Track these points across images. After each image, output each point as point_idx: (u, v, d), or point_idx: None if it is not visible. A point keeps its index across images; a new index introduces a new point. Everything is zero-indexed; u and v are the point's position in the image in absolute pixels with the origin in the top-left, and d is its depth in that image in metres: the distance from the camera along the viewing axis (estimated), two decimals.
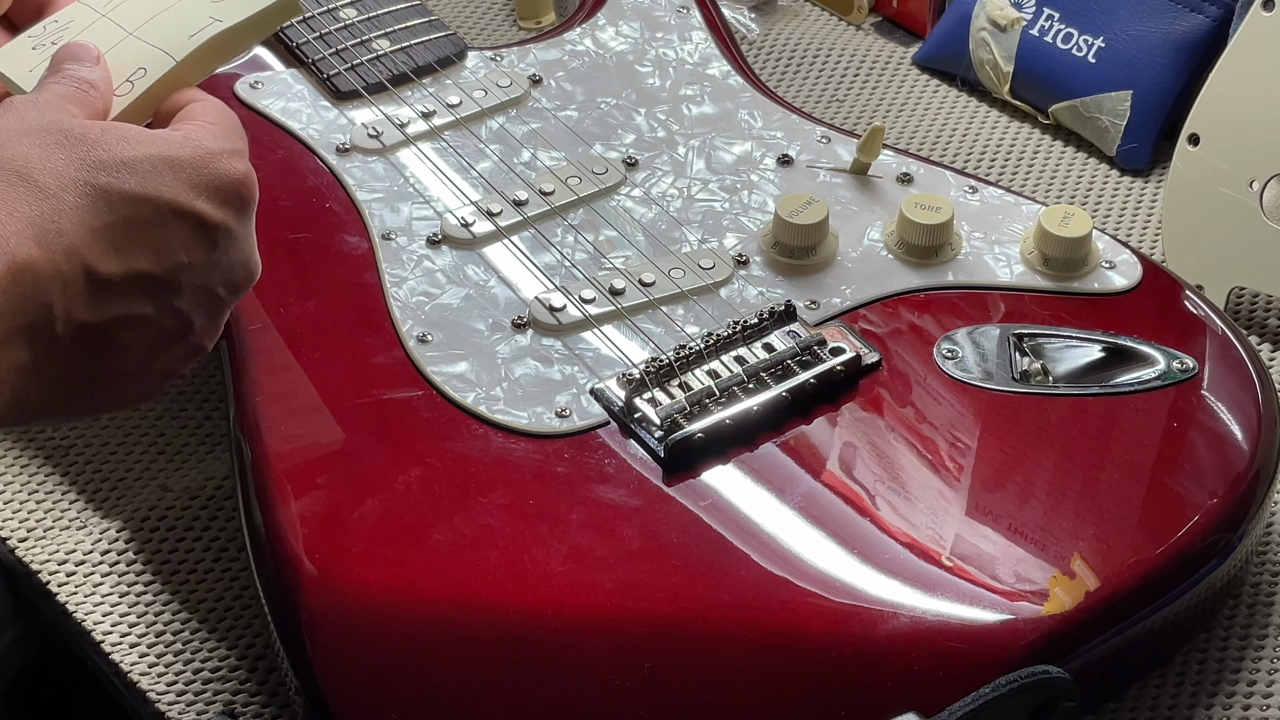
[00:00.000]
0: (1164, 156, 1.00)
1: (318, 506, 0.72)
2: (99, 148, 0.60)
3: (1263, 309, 0.93)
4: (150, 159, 0.61)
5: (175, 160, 0.61)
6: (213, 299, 0.64)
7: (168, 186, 0.61)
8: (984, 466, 0.74)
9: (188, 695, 0.76)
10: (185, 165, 0.62)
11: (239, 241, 0.64)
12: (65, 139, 0.60)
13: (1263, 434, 0.75)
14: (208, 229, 0.62)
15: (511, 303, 0.81)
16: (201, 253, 0.62)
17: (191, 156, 0.62)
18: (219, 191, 0.62)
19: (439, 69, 0.93)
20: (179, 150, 0.62)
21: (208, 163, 0.62)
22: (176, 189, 0.61)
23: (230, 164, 0.63)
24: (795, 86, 1.08)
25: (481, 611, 0.68)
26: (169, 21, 0.68)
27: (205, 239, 0.62)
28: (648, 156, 0.89)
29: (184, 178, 0.61)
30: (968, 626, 0.68)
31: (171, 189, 0.61)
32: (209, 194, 0.62)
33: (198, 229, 0.62)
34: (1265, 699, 0.75)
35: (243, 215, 0.64)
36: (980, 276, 0.83)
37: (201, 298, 0.63)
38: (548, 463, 0.74)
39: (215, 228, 0.62)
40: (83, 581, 0.80)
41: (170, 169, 0.61)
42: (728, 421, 0.75)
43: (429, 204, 0.86)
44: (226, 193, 0.63)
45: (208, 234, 0.62)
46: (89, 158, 0.60)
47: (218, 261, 0.63)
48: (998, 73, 1.05)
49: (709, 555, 0.70)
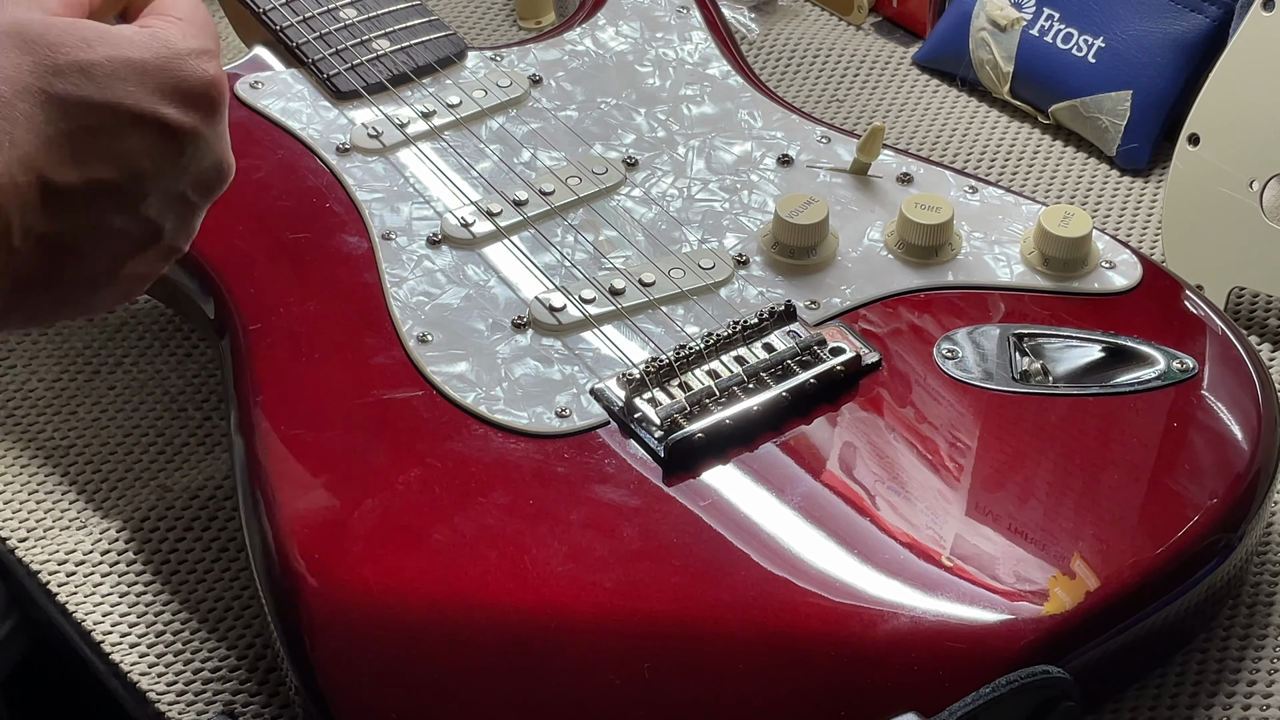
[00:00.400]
0: (1164, 156, 1.00)
1: (318, 507, 0.72)
2: (58, 51, 0.57)
3: (1263, 309, 0.93)
4: (111, 61, 0.58)
5: (138, 64, 0.59)
6: (184, 203, 0.62)
7: (129, 92, 0.58)
8: (984, 466, 0.74)
9: (188, 695, 0.76)
10: (149, 69, 0.59)
11: (209, 144, 0.61)
12: (22, 41, 0.57)
13: (1263, 434, 0.75)
14: (173, 135, 0.60)
15: (511, 303, 0.81)
16: (168, 160, 0.60)
17: (156, 59, 0.59)
18: (186, 95, 0.60)
19: (439, 69, 0.93)
20: (142, 53, 0.59)
21: (174, 65, 0.59)
22: (138, 95, 0.58)
23: (198, 65, 0.60)
24: (795, 86, 1.08)
25: (481, 611, 0.68)
26: None
27: (171, 145, 0.60)
28: (648, 156, 0.89)
29: (147, 82, 0.59)
30: (968, 626, 0.68)
31: (133, 95, 0.58)
32: (174, 98, 0.59)
33: (162, 135, 0.59)
34: (1265, 699, 0.75)
35: (211, 118, 0.61)
36: (980, 276, 0.83)
37: (171, 203, 0.61)
38: (548, 463, 0.74)
39: (182, 133, 0.60)
40: (83, 581, 0.80)
41: (133, 73, 0.58)
42: (728, 421, 0.75)
43: (429, 204, 0.85)
44: (194, 96, 0.60)
45: (174, 140, 0.60)
46: (45, 62, 0.57)
47: (185, 167, 0.61)
48: (998, 73, 1.05)
49: (709, 555, 0.70)
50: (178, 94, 0.60)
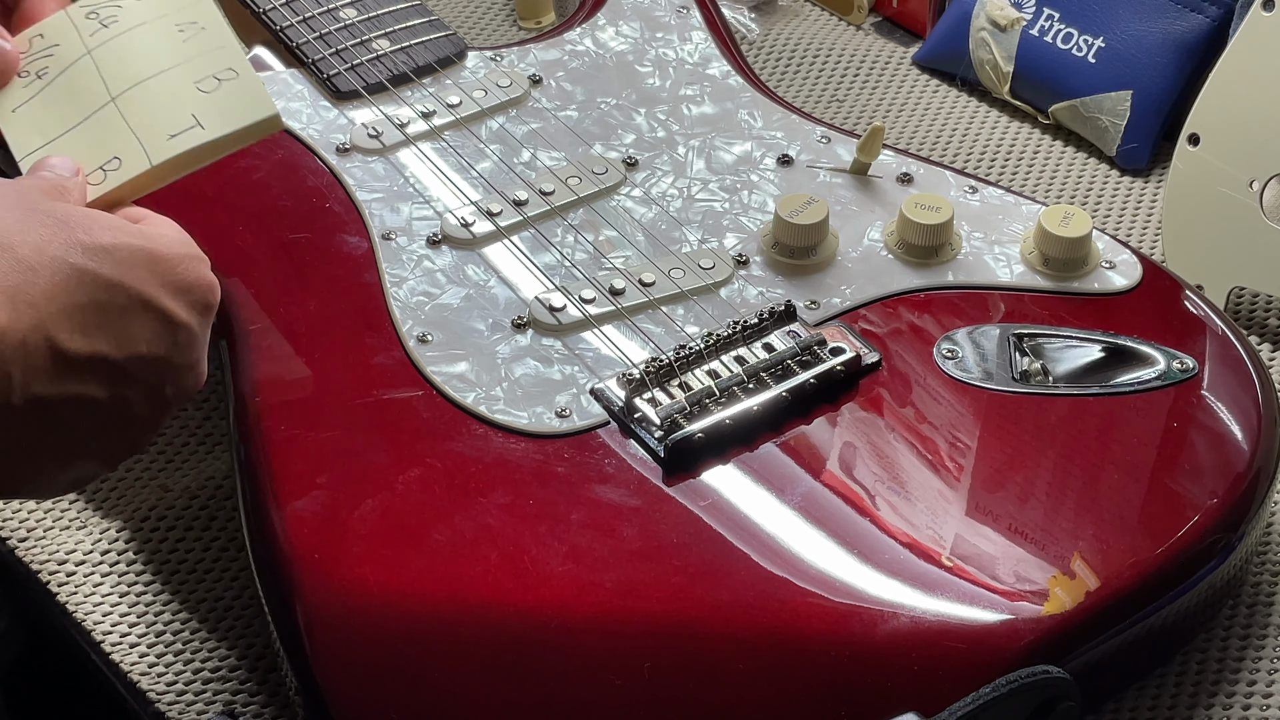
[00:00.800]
0: (1164, 156, 1.00)
1: (318, 506, 0.72)
2: (81, 230, 0.62)
3: (1263, 309, 0.93)
4: (129, 249, 0.62)
5: (153, 255, 0.63)
6: (159, 396, 0.65)
7: (142, 278, 0.62)
8: (984, 466, 0.74)
9: (188, 695, 0.76)
10: (161, 261, 0.63)
11: (195, 345, 0.65)
12: (49, 218, 0.62)
13: (1263, 434, 0.75)
14: (171, 326, 0.64)
15: (511, 303, 0.81)
16: (161, 348, 0.64)
17: (167, 254, 0.64)
18: (187, 292, 0.64)
19: (439, 69, 0.93)
20: (157, 246, 0.64)
21: (181, 263, 0.64)
22: (149, 282, 0.63)
23: (200, 269, 0.65)
24: (795, 86, 1.08)
25: (481, 611, 0.68)
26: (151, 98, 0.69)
27: (167, 335, 0.64)
28: (648, 156, 0.89)
29: (158, 272, 0.63)
30: (968, 626, 0.68)
31: (145, 281, 0.62)
32: (178, 293, 0.64)
33: (162, 324, 0.63)
34: (1265, 699, 0.75)
35: (204, 320, 0.65)
36: (980, 276, 0.83)
37: (151, 394, 0.64)
38: (548, 463, 0.74)
39: (178, 326, 0.64)
40: (83, 581, 0.80)
41: (147, 262, 0.63)
42: (728, 421, 0.75)
43: (429, 204, 0.85)
44: (193, 295, 0.64)
45: (170, 331, 0.64)
46: (71, 238, 0.61)
47: (172, 361, 0.64)
48: (998, 73, 1.05)
49: (709, 555, 0.70)
50: (181, 289, 0.64)
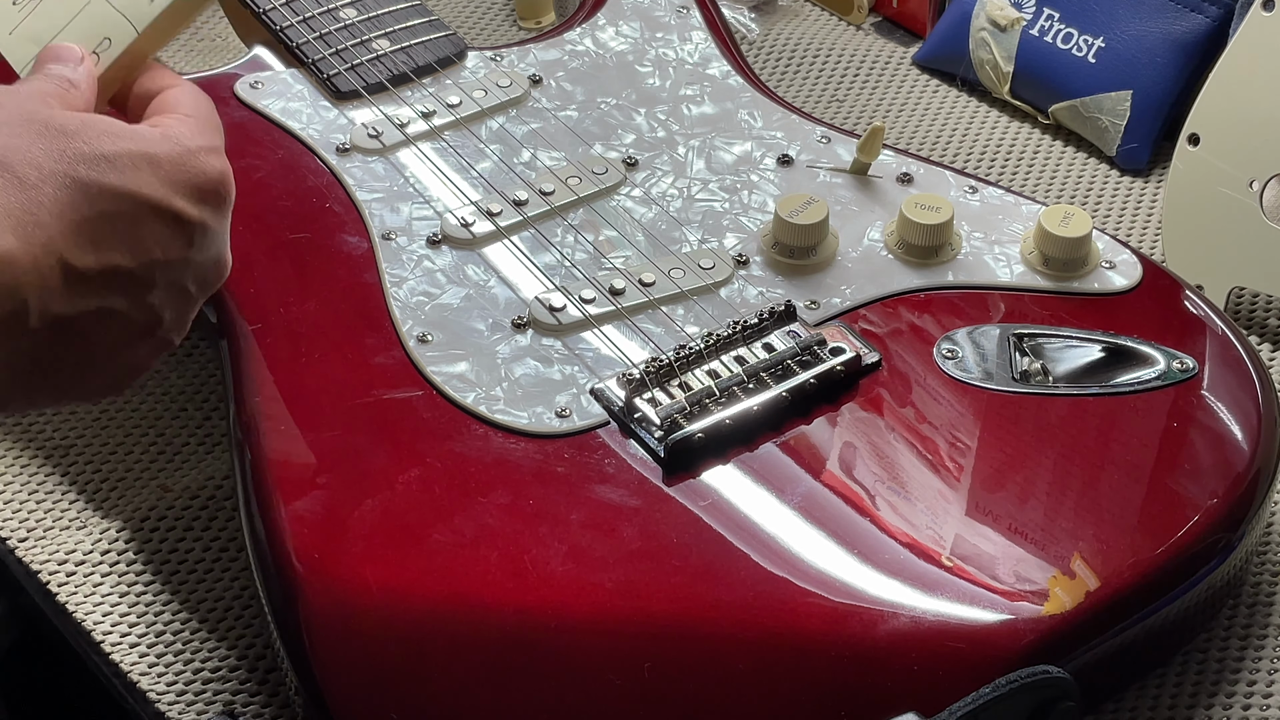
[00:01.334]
0: (1164, 156, 1.00)
1: (318, 506, 0.72)
2: (80, 140, 0.60)
3: (1263, 309, 0.93)
4: (131, 154, 0.61)
5: (155, 157, 0.62)
6: (184, 295, 0.64)
7: (147, 183, 0.61)
8: (984, 466, 0.74)
9: (188, 695, 0.76)
10: (165, 162, 0.62)
11: (214, 239, 0.64)
12: (46, 130, 0.60)
13: (1263, 434, 0.75)
14: (184, 226, 0.62)
15: (511, 303, 0.81)
16: (177, 250, 0.62)
17: (171, 154, 0.62)
18: (197, 189, 0.63)
19: (439, 69, 0.93)
20: (159, 147, 0.62)
21: (187, 160, 0.62)
22: (155, 186, 0.61)
23: (208, 161, 0.63)
24: (795, 86, 1.08)
25: (481, 611, 0.68)
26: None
27: (182, 236, 0.62)
28: (648, 156, 0.89)
29: (163, 175, 0.62)
30: (968, 626, 0.68)
31: (151, 185, 0.61)
32: (187, 191, 0.62)
33: (175, 226, 0.62)
34: (1265, 699, 0.75)
35: (219, 212, 0.64)
36: (980, 276, 0.83)
37: (173, 294, 0.63)
38: (548, 463, 0.74)
39: (192, 225, 0.62)
40: (83, 581, 0.80)
41: (150, 166, 0.61)
42: (728, 421, 0.75)
43: (429, 204, 0.85)
44: (204, 191, 0.63)
45: (184, 231, 0.62)
46: (70, 150, 0.60)
47: (192, 259, 0.63)
48: (998, 73, 1.05)
49: (709, 555, 0.70)
50: (190, 187, 0.62)
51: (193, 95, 0.66)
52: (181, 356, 0.91)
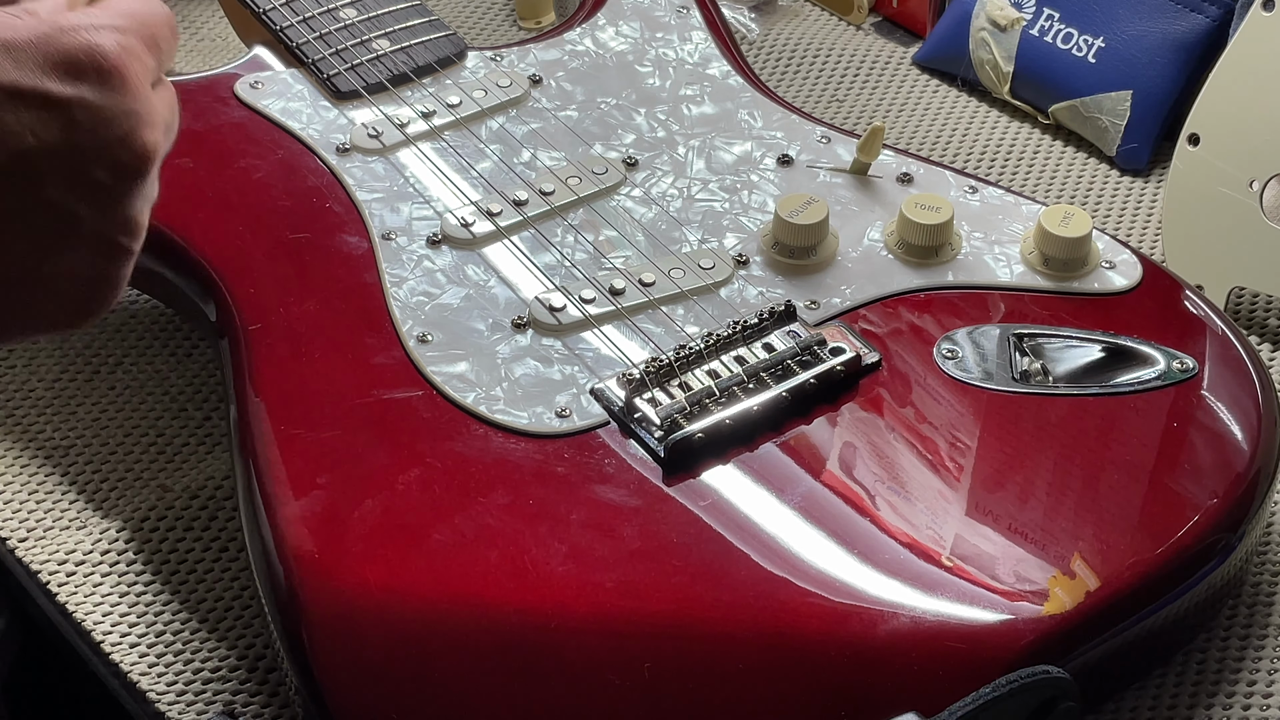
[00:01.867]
0: (1164, 156, 1.00)
1: (318, 506, 0.72)
2: None
3: (1263, 309, 0.93)
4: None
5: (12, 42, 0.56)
6: (96, 186, 0.58)
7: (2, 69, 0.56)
8: (984, 466, 0.74)
9: (188, 695, 0.76)
10: (26, 43, 0.57)
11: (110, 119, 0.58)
12: None
13: (1263, 434, 0.75)
14: (57, 107, 0.57)
15: (511, 303, 0.81)
16: (55, 134, 0.57)
17: (30, 33, 0.57)
18: (66, 66, 0.57)
19: (439, 69, 0.93)
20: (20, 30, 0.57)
21: (53, 38, 0.57)
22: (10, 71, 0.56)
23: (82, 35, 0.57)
24: (795, 86, 1.08)
25: (481, 612, 0.68)
26: None
27: (56, 120, 0.57)
28: (648, 156, 0.89)
29: (22, 58, 0.56)
30: (968, 626, 0.68)
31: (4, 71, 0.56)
32: (53, 70, 0.57)
33: (44, 109, 0.56)
34: (1265, 699, 0.75)
35: (106, 89, 0.58)
36: (980, 276, 0.83)
37: (78, 187, 0.58)
38: (548, 463, 0.74)
39: (68, 104, 0.57)
40: (83, 581, 0.80)
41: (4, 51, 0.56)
42: (728, 421, 0.75)
43: (429, 204, 0.86)
44: (77, 67, 0.57)
45: (59, 113, 0.57)
46: None
47: (83, 144, 0.57)
48: (998, 73, 1.05)
49: (709, 555, 0.70)
50: (59, 66, 0.57)
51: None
52: (181, 356, 0.91)
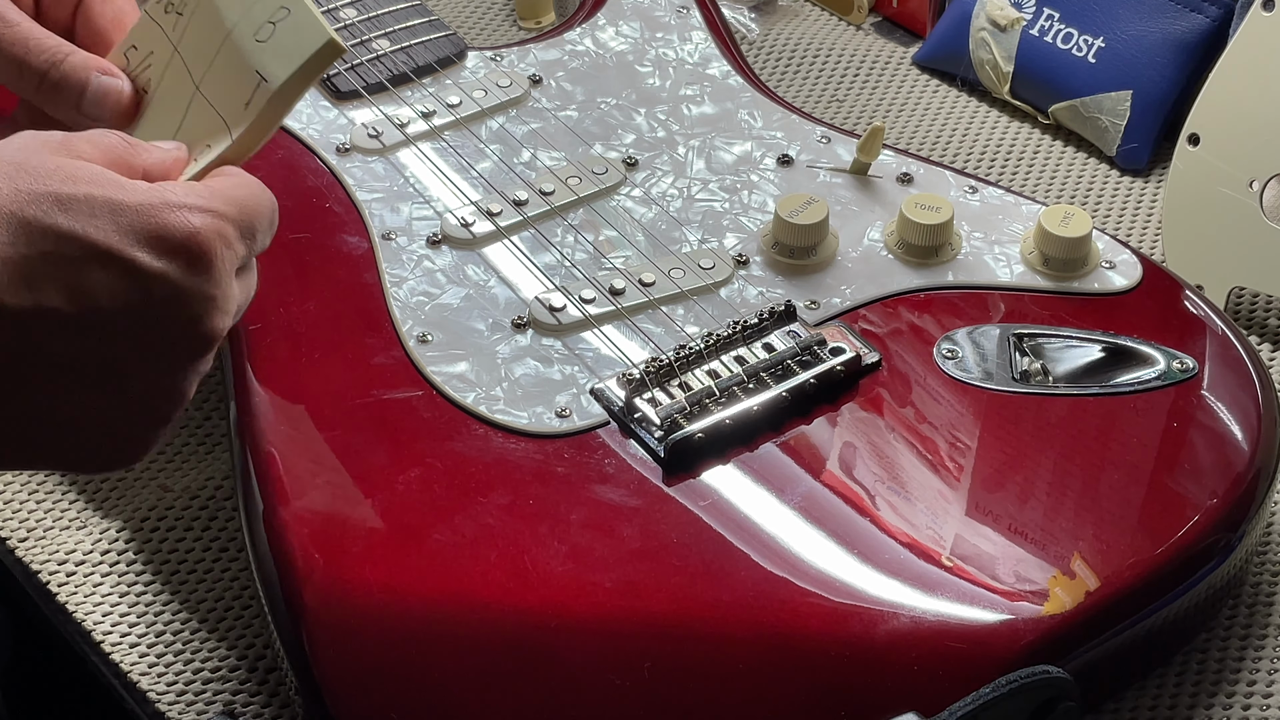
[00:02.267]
0: (1164, 156, 1.00)
1: (318, 506, 0.72)
2: (39, 181, 0.57)
3: (1263, 309, 0.93)
4: (89, 198, 0.58)
5: (117, 204, 0.58)
6: (157, 358, 0.60)
7: (98, 228, 0.58)
8: (984, 466, 0.74)
9: (188, 695, 0.76)
10: (127, 210, 0.58)
11: (187, 299, 0.60)
12: (16, 171, 0.58)
13: (1263, 434, 0.75)
14: (139, 278, 0.58)
15: (511, 303, 0.81)
16: (131, 301, 0.58)
17: (139, 203, 0.59)
18: (160, 241, 0.59)
19: (439, 69, 0.93)
20: (127, 196, 0.59)
21: (156, 211, 0.59)
22: (107, 232, 0.58)
23: (183, 216, 0.59)
24: (795, 86, 1.08)
25: (481, 612, 0.68)
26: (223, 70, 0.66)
27: (135, 288, 0.58)
28: (648, 156, 0.89)
29: (122, 222, 0.58)
30: (968, 626, 0.68)
31: (101, 231, 0.58)
32: (147, 242, 0.58)
33: (128, 276, 0.58)
34: (1265, 699, 0.75)
35: (191, 271, 0.59)
36: (980, 276, 0.83)
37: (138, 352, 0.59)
38: (548, 463, 0.74)
39: (149, 277, 0.58)
40: (83, 581, 0.80)
41: (109, 212, 0.58)
42: (728, 421, 0.75)
43: (429, 204, 0.86)
44: (171, 244, 0.59)
45: (139, 283, 0.58)
46: (24, 188, 0.57)
47: (155, 316, 0.59)
48: (998, 73, 1.05)
49: (709, 555, 0.70)
50: (152, 239, 0.59)
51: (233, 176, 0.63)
52: None
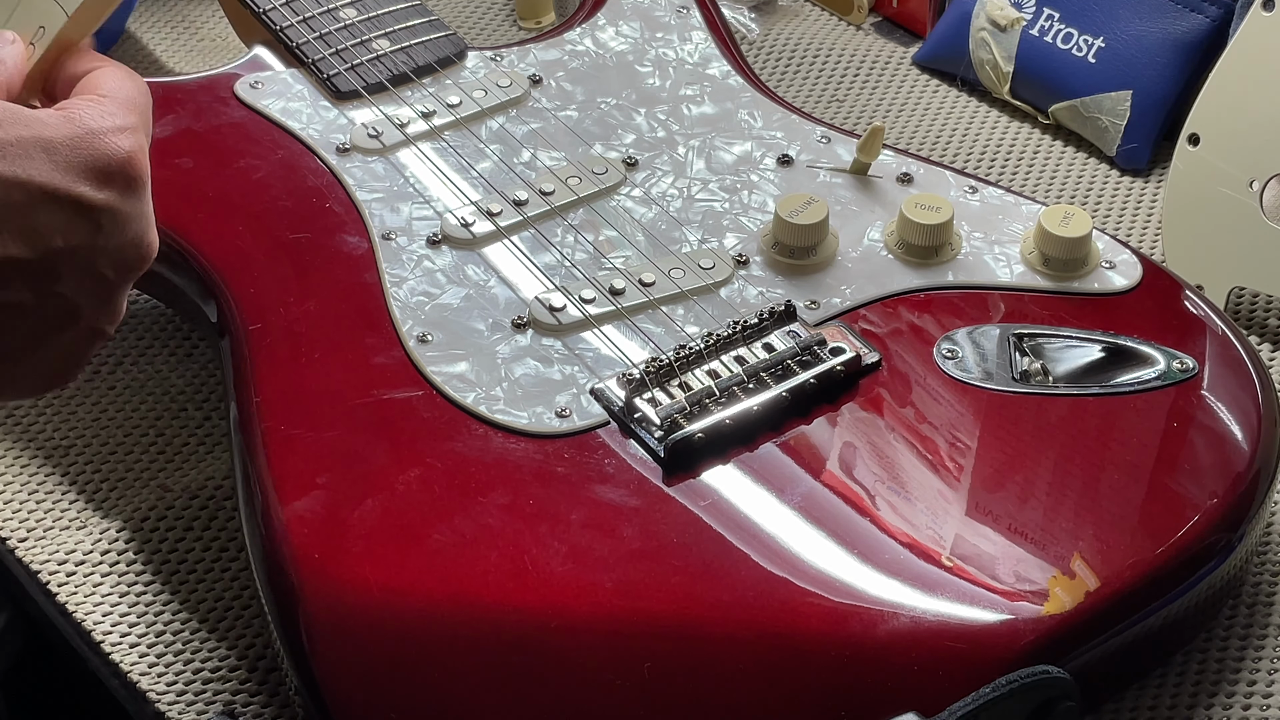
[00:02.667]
0: (1164, 156, 1.00)
1: (318, 506, 0.72)
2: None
3: (1263, 309, 0.93)
4: (22, 141, 0.58)
5: (49, 142, 0.58)
6: (101, 282, 0.60)
7: (39, 169, 0.58)
8: (984, 466, 0.74)
9: (188, 695, 0.76)
10: (60, 146, 0.58)
11: (126, 221, 0.60)
12: None
13: (1263, 434, 0.75)
14: (87, 212, 0.59)
15: (511, 303, 0.81)
16: (82, 236, 0.59)
17: (69, 136, 0.59)
18: (99, 172, 0.59)
19: (439, 69, 0.93)
20: (56, 131, 0.59)
21: (87, 142, 0.59)
22: (49, 172, 0.58)
23: (112, 142, 0.59)
24: (795, 86, 1.08)
25: (481, 612, 0.68)
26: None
27: (86, 222, 0.59)
28: (648, 156, 0.89)
29: (59, 159, 0.58)
30: (968, 626, 0.68)
31: (44, 172, 0.58)
32: (87, 175, 0.59)
33: (76, 213, 0.59)
34: (1265, 699, 0.75)
35: (129, 194, 0.60)
36: (980, 276, 0.83)
37: (88, 282, 0.60)
38: (548, 463, 0.74)
39: (97, 209, 0.59)
40: (83, 581, 0.80)
41: (44, 151, 0.58)
42: (728, 421, 0.75)
43: (429, 204, 0.86)
44: (108, 172, 0.59)
45: (88, 217, 0.59)
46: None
47: (102, 246, 0.60)
48: (998, 73, 1.05)
49: (709, 555, 0.70)
50: (91, 171, 0.59)
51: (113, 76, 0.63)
52: (182, 356, 0.91)
